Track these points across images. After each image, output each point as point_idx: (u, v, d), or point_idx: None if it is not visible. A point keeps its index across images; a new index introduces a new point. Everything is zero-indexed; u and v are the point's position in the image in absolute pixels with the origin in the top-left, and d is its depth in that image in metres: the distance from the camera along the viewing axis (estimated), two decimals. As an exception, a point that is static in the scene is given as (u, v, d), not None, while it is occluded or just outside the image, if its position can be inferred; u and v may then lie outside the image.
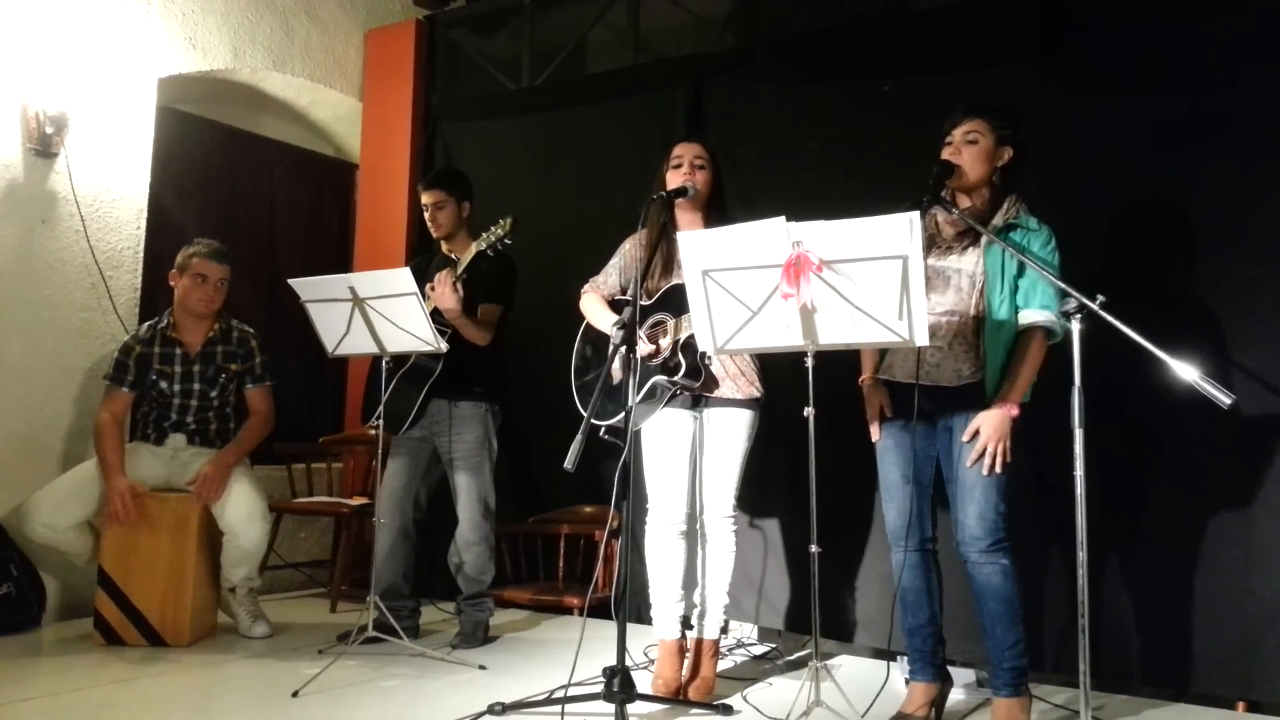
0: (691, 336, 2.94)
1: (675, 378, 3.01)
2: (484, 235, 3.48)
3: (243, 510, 3.67)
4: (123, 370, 3.75)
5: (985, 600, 2.67)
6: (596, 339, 3.26)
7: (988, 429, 2.62)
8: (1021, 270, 2.68)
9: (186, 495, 3.65)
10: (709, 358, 2.99)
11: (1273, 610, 2.97)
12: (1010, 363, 2.68)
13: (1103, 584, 3.14)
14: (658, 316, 3.10)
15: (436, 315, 3.56)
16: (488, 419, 3.76)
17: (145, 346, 3.78)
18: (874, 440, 2.91)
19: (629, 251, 3.29)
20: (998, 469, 2.61)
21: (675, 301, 3.01)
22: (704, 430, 3.13)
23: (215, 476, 3.63)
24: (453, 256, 3.71)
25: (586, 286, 3.32)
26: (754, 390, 3.13)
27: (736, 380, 3.10)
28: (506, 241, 3.45)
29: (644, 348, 2.99)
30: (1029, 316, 2.66)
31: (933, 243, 2.79)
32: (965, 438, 2.67)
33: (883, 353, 2.86)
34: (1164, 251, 3.24)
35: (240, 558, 3.73)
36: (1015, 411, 2.61)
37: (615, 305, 3.22)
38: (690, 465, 3.14)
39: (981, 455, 2.62)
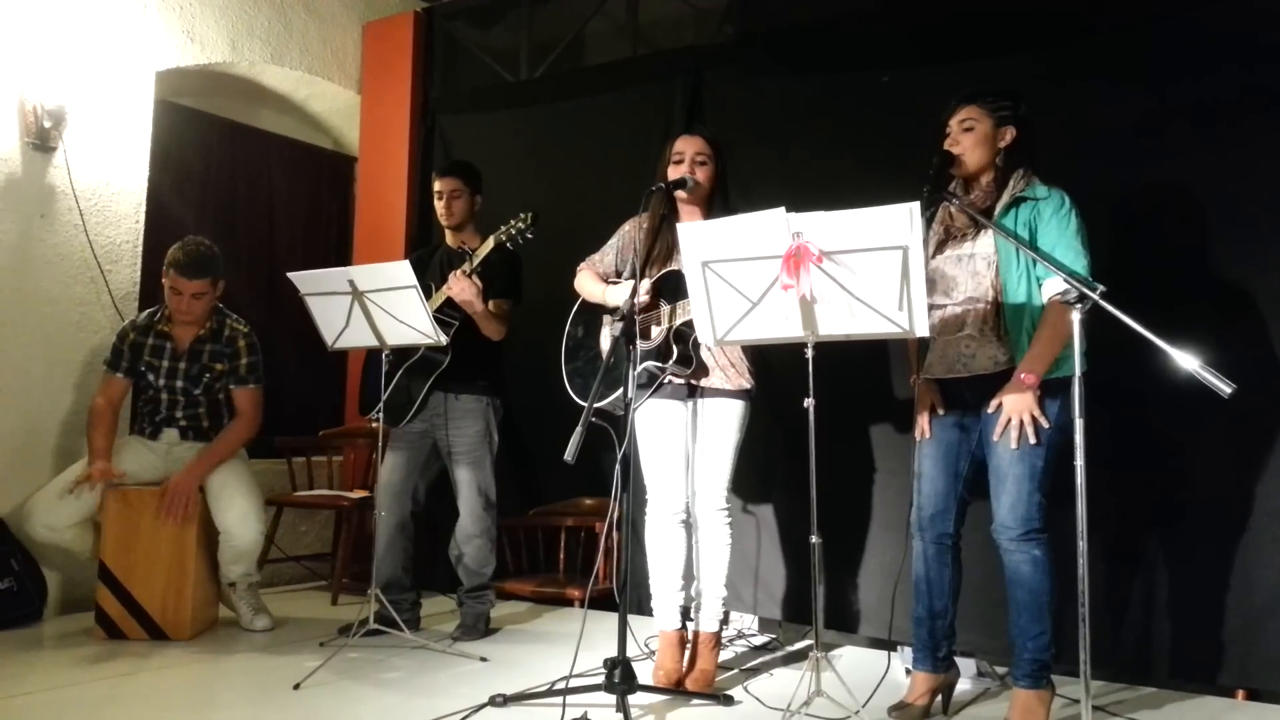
0: (685, 324, 2.94)
1: (664, 364, 3.00)
2: (503, 228, 3.47)
3: (236, 510, 3.65)
4: (118, 356, 3.76)
5: (1012, 588, 2.67)
6: (588, 319, 3.26)
7: (1008, 401, 2.60)
8: (1034, 237, 2.64)
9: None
10: (700, 345, 2.99)
11: (1272, 599, 2.97)
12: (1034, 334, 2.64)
13: (1105, 575, 3.14)
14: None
15: (444, 308, 3.56)
16: (489, 412, 3.76)
17: (139, 335, 3.78)
18: (918, 437, 2.87)
19: (628, 233, 3.29)
20: (1030, 439, 2.58)
21: (671, 288, 3.01)
22: (696, 420, 3.13)
23: (182, 492, 3.57)
24: (465, 248, 3.70)
25: (582, 265, 3.32)
26: (744, 381, 3.12)
27: (726, 371, 3.10)
28: (528, 235, 3.44)
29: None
30: (1049, 289, 2.61)
31: (948, 234, 2.79)
32: (990, 409, 2.66)
33: (924, 352, 2.85)
34: (1167, 239, 3.23)
35: (236, 556, 3.73)
36: (1031, 381, 2.55)
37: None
38: (685, 455, 3.14)
39: (1008, 429, 2.60)
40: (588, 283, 3.27)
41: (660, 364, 3.02)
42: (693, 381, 3.09)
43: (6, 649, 3.41)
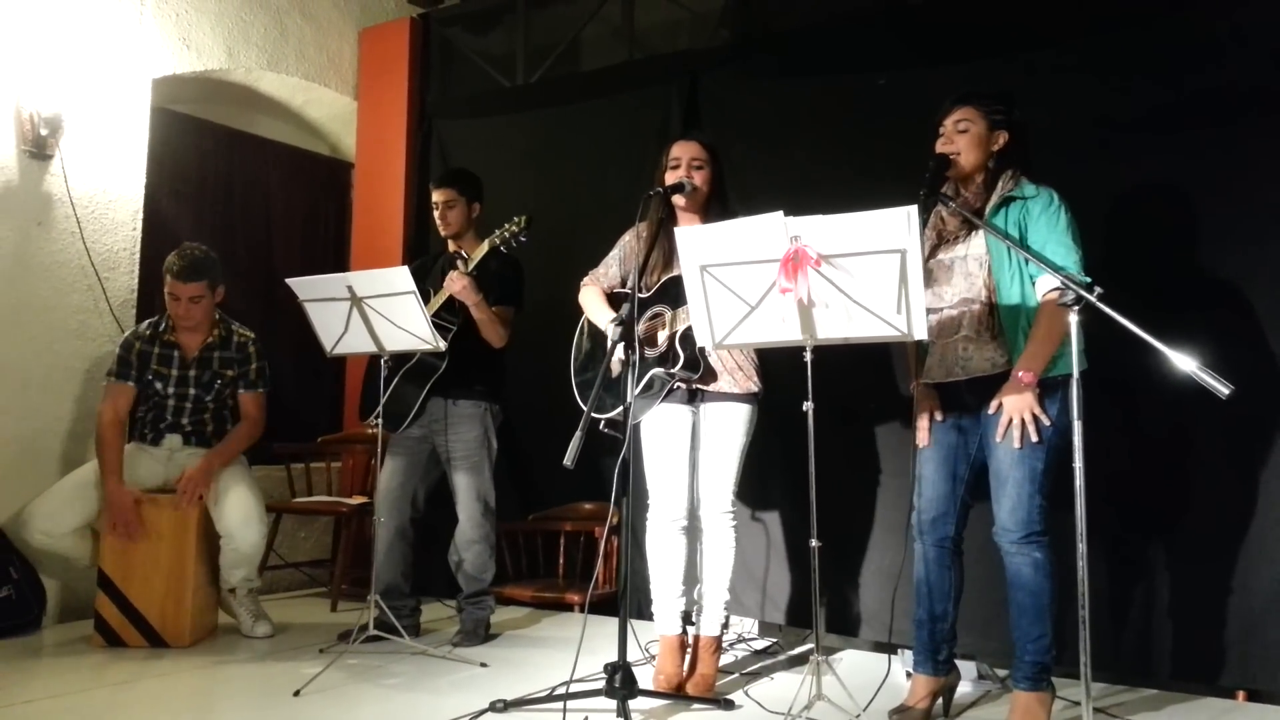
0: (689, 328, 2.94)
1: (673, 370, 3.01)
2: (498, 232, 3.48)
3: (239, 513, 3.66)
4: (126, 365, 3.75)
5: (1013, 590, 2.67)
6: (595, 332, 3.26)
7: (1008, 402, 2.60)
8: (1025, 236, 2.64)
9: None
10: (707, 350, 2.99)
11: (1272, 600, 2.97)
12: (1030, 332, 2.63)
13: (1105, 577, 3.14)
14: (656, 309, 3.10)
15: (441, 313, 3.57)
16: (487, 418, 3.76)
17: (146, 344, 3.78)
18: (919, 444, 2.86)
19: (628, 243, 3.29)
20: (1032, 437, 2.58)
21: (673, 293, 3.01)
22: (702, 425, 3.13)
23: (199, 477, 3.60)
24: (463, 253, 3.71)
25: (586, 279, 3.31)
26: (752, 385, 3.12)
27: (734, 374, 3.10)
28: (521, 239, 3.45)
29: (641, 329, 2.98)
30: (1043, 285, 2.60)
31: (941, 236, 2.79)
32: (991, 409, 2.65)
33: (923, 357, 2.85)
34: (1167, 237, 3.23)
35: (238, 560, 3.72)
36: (1029, 379, 2.55)
37: (614, 298, 3.22)
38: (689, 460, 3.14)
39: (1010, 430, 2.59)
40: (593, 303, 3.24)
41: (668, 370, 3.02)
42: (697, 386, 3.09)
43: (6, 657, 3.41)
